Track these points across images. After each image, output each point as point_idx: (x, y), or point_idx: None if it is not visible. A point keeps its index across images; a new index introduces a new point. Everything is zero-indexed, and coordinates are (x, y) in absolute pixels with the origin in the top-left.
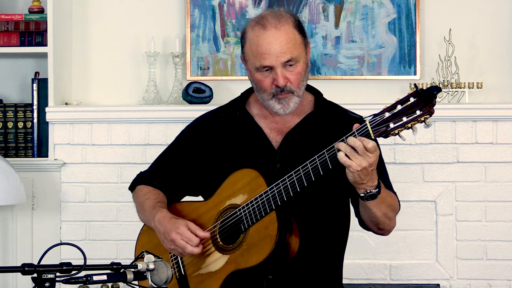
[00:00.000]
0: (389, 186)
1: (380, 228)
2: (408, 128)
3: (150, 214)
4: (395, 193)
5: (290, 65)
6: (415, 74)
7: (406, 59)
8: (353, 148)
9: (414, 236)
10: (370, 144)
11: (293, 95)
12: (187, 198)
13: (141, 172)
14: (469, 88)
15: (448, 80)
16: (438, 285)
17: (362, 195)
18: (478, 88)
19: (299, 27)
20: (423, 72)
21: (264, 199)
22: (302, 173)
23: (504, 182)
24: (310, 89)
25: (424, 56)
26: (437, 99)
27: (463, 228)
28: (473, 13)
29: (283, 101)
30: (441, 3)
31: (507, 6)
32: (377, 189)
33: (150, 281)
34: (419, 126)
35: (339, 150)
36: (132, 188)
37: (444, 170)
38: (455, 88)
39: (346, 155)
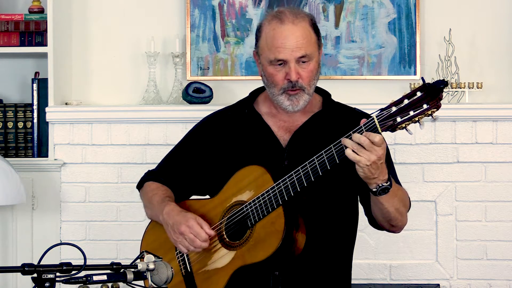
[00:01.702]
0: (398, 182)
1: (393, 224)
2: (415, 122)
3: (158, 208)
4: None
5: (304, 62)
6: (415, 74)
7: (406, 59)
8: (359, 144)
9: (414, 236)
10: (377, 138)
11: (304, 92)
12: (193, 198)
13: (149, 170)
14: (469, 88)
15: (448, 80)
16: (438, 285)
17: (374, 190)
18: (478, 88)
19: (315, 26)
20: (423, 72)
21: (271, 194)
22: (309, 168)
23: (504, 182)
24: (318, 90)
25: (424, 56)
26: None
27: (463, 228)
28: (473, 13)
29: (293, 98)
30: (441, 3)
31: (507, 6)
32: (388, 183)
33: (150, 281)
34: (425, 120)
35: (346, 147)
36: (140, 185)
37: (444, 170)
38: (455, 88)
39: (354, 151)
